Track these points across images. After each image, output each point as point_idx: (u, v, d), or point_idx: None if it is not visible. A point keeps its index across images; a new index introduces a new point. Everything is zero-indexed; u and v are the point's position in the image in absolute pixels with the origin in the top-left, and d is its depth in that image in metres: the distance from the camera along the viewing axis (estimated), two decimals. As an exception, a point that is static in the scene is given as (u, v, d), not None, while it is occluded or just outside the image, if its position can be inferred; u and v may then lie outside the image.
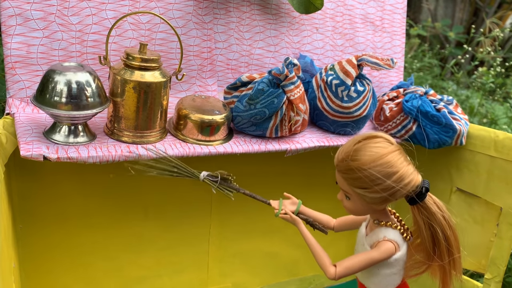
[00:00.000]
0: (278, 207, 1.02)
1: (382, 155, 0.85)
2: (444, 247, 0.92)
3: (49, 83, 1.01)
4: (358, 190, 0.88)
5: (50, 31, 1.16)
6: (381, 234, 0.94)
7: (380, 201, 0.90)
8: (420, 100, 1.42)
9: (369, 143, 0.88)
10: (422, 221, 0.91)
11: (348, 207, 0.95)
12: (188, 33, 1.31)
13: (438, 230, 0.90)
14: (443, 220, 0.92)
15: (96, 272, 1.35)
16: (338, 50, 1.57)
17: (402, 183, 0.87)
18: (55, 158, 0.98)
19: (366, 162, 0.86)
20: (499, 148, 1.40)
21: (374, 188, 0.86)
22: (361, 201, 0.91)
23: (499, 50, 3.46)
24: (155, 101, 1.10)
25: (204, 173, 1.02)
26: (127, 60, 1.07)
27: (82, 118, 1.04)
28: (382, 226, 0.95)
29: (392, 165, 0.85)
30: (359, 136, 0.91)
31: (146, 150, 1.09)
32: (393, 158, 0.86)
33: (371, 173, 0.85)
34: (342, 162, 0.89)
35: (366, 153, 0.86)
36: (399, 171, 0.86)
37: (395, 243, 0.93)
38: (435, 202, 0.93)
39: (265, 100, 1.20)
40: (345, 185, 0.91)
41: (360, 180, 0.87)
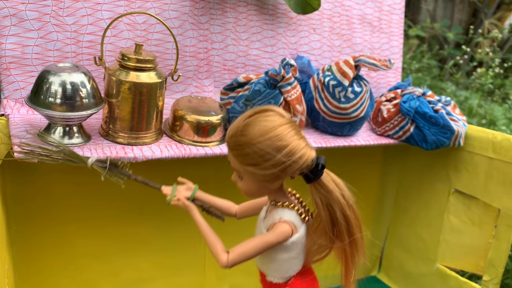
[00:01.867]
0: (170, 193, 0.94)
1: (271, 128, 0.80)
2: (343, 227, 0.85)
3: (44, 84, 1.00)
4: (249, 167, 0.82)
5: (45, 31, 1.15)
6: (277, 216, 0.87)
7: (271, 178, 0.83)
8: (418, 101, 1.41)
9: (259, 117, 0.81)
10: (319, 200, 0.85)
11: (242, 188, 0.88)
12: (184, 34, 1.30)
13: (336, 209, 0.84)
14: (341, 198, 0.85)
15: (91, 275, 1.34)
16: (335, 50, 1.57)
17: (293, 157, 0.80)
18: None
19: (254, 136, 0.80)
20: (497, 149, 1.39)
21: (264, 164, 0.80)
22: (253, 179, 0.84)
23: (498, 51, 3.45)
24: (151, 102, 1.09)
25: (93, 158, 0.93)
26: (123, 60, 1.07)
27: (76, 119, 1.03)
28: (279, 207, 0.88)
29: (281, 138, 0.80)
30: (250, 111, 0.85)
31: (142, 151, 1.08)
32: (283, 131, 0.80)
33: (259, 147, 0.79)
34: (231, 138, 0.83)
35: (255, 127, 0.80)
36: (289, 144, 0.80)
37: (292, 224, 0.87)
38: (333, 180, 0.87)
39: (262, 101, 1.19)
40: (236, 163, 0.84)
41: (250, 156, 0.81)
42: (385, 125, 1.44)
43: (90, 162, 0.94)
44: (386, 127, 1.44)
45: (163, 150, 1.10)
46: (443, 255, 1.57)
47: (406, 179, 1.70)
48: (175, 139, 1.17)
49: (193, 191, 0.98)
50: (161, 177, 1.35)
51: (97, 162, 0.94)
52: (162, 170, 1.34)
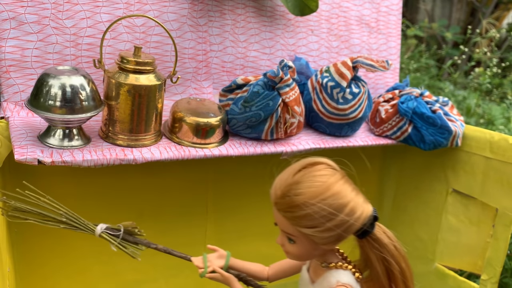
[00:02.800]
0: (202, 265, 0.86)
1: (329, 185, 0.74)
2: (400, 281, 0.81)
3: (44, 86, 1.00)
4: (306, 230, 0.74)
5: (44, 34, 1.15)
6: (333, 279, 0.80)
7: (333, 240, 0.76)
8: (416, 102, 1.42)
9: (312, 172, 0.76)
10: (374, 255, 0.80)
11: (293, 252, 0.80)
12: (183, 36, 1.31)
13: (393, 262, 0.79)
14: (395, 250, 0.81)
15: (92, 276, 1.34)
16: (333, 52, 1.58)
17: (355, 215, 0.75)
18: (49, 162, 0.98)
19: (313, 195, 0.73)
20: (494, 149, 1.40)
21: (325, 225, 0.73)
22: (309, 243, 0.77)
23: (496, 51, 3.46)
24: (150, 104, 1.10)
25: (102, 226, 0.82)
26: (122, 63, 1.07)
27: (76, 122, 1.04)
28: (332, 269, 0.81)
29: (343, 195, 0.74)
30: (296, 165, 0.78)
31: (141, 153, 1.08)
32: (342, 187, 0.75)
33: (320, 207, 0.72)
34: (283, 198, 0.75)
35: (312, 185, 0.74)
36: (350, 201, 0.74)
37: (349, 286, 0.80)
38: (384, 231, 0.82)
39: (260, 103, 1.20)
40: (288, 226, 0.76)
41: (308, 218, 0.73)
42: (383, 125, 1.45)
43: (98, 230, 0.82)
44: (384, 127, 1.45)
45: (162, 152, 1.11)
46: (441, 255, 1.58)
47: (404, 179, 1.71)
48: (175, 141, 1.18)
49: (226, 259, 0.90)
50: (161, 179, 1.36)
51: (107, 230, 0.82)
52: (162, 172, 1.35)
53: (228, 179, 1.44)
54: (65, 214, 0.85)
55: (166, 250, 0.89)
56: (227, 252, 0.91)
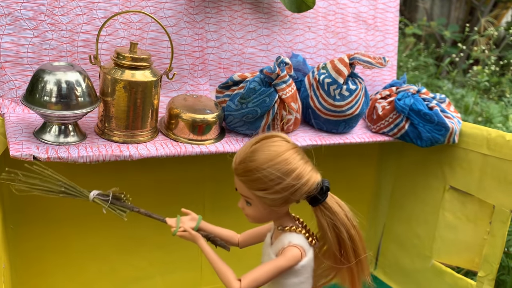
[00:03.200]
0: (175, 224, 0.95)
1: (279, 153, 0.83)
2: (349, 247, 0.88)
3: (39, 82, 1.00)
4: (259, 192, 0.84)
5: (40, 30, 1.15)
6: (286, 240, 0.89)
7: (281, 202, 0.85)
8: (413, 99, 1.42)
9: (266, 143, 0.85)
10: (325, 222, 0.88)
11: (250, 214, 0.90)
12: (179, 32, 1.31)
13: (343, 229, 0.87)
14: (346, 219, 0.88)
15: (88, 273, 1.34)
16: (330, 49, 1.57)
17: (301, 180, 0.83)
18: (45, 158, 0.98)
19: (264, 161, 0.82)
20: (491, 146, 1.40)
21: (274, 188, 0.83)
22: (262, 204, 0.86)
23: (494, 49, 3.46)
24: (146, 100, 1.10)
25: (94, 192, 0.94)
26: (118, 59, 1.07)
27: (72, 118, 1.04)
28: (286, 232, 0.90)
29: (289, 162, 0.83)
30: (256, 137, 0.88)
31: (137, 150, 1.08)
32: (290, 155, 0.84)
33: (270, 172, 0.82)
34: (240, 164, 0.85)
35: (264, 152, 0.83)
36: (297, 168, 0.83)
37: (301, 248, 0.88)
38: (337, 201, 0.90)
39: (257, 99, 1.19)
40: (244, 189, 0.86)
41: (260, 181, 0.83)
42: (380, 122, 1.45)
43: (91, 196, 0.94)
44: (381, 124, 1.45)
45: (158, 148, 1.11)
46: (438, 252, 1.58)
47: (401, 176, 1.71)
48: (171, 137, 1.18)
49: (197, 221, 0.98)
50: (157, 176, 1.36)
51: (98, 195, 0.94)
52: (158, 169, 1.35)
53: (224, 175, 1.44)
54: (63, 184, 0.94)
55: (147, 213, 0.98)
56: (199, 216, 0.98)
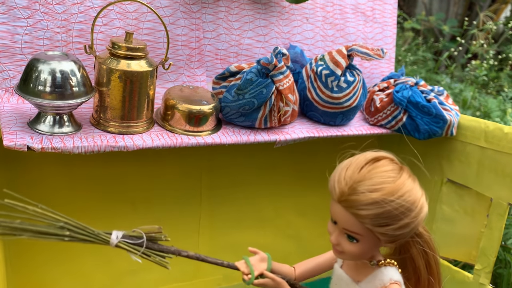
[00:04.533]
0: (247, 270, 0.81)
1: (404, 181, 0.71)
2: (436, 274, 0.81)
3: (33, 72, 0.99)
4: (379, 228, 0.70)
5: (34, 20, 1.14)
6: (386, 277, 0.78)
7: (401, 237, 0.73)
8: (411, 91, 1.41)
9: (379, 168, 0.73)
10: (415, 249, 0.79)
11: (351, 252, 0.76)
12: (175, 23, 1.29)
13: (431, 256, 0.79)
14: (431, 242, 0.81)
15: (84, 266, 1.34)
16: (328, 40, 1.56)
17: (424, 211, 0.73)
18: (39, 148, 0.97)
19: (391, 191, 0.69)
20: (489, 138, 1.39)
21: (402, 221, 0.70)
22: (374, 241, 0.73)
23: (493, 43, 3.46)
24: (142, 90, 1.09)
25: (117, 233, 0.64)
26: (113, 49, 1.06)
27: (67, 108, 1.03)
28: (382, 267, 0.79)
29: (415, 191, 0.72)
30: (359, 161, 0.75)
31: (133, 141, 1.07)
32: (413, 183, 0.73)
33: (399, 203, 0.69)
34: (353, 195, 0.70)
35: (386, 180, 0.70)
36: (421, 197, 0.73)
37: (400, 283, 0.78)
38: (423, 225, 0.81)
39: (253, 90, 1.18)
40: (354, 224, 0.71)
41: (384, 215, 0.69)
42: (377, 115, 1.44)
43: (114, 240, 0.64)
44: (379, 116, 1.44)
45: (154, 139, 1.10)
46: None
47: (399, 170, 1.70)
48: (167, 128, 1.17)
49: (268, 262, 0.85)
50: (153, 168, 1.35)
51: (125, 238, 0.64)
52: (154, 160, 1.34)
53: (221, 167, 1.43)
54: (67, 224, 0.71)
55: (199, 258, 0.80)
56: (268, 255, 0.86)
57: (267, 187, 1.10)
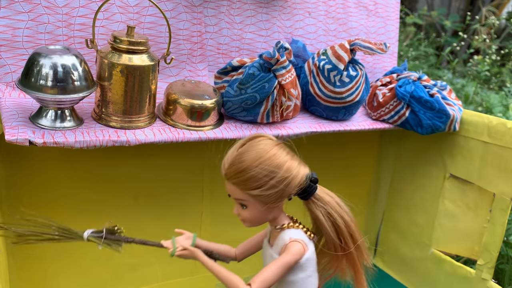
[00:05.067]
0: (172, 246, 0.94)
1: (267, 149, 0.85)
2: (346, 233, 0.90)
3: (34, 66, 0.98)
4: (254, 191, 0.85)
5: (35, 14, 1.13)
6: (286, 237, 0.89)
7: (277, 197, 0.86)
8: (414, 86, 1.40)
9: (252, 143, 0.86)
10: (320, 213, 0.90)
11: (247, 217, 0.90)
12: (177, 17, 1.29)
13: (337, 216, 0.89)
14: (338, 206, 0.90)
15: (86, 260, 1.34)
16: (331, 35, 1.55)
17: (292, 172, 0.85)
18: (41, 143, 0.96)
19: (253, 159, 0.84)
20: (492, 133, 1.39)
21: (269, 183, 0.84)
22: (258, 203, 0.87)
23: (495, 39, 3.44)
24: (143, 85, 1.08)
25: (88, 231, 0.93)
26: (115, 43, 1.05)
27: (68, 102, 1.02)
28: (285, 229, 0.91)
29: (278, 156, 0.85)
30: (241, 141, 0.89)
31: (135, 135, 1.07)
32: (277, 151, 0.86)
33: (262, 168, 0.83)
34: (230, 168, 0.86)
35: (252, 152, 0.85)
36: (286, 161, 0.85)
37: (302, 241, 0.89)
38: (326, 192, 0.92)
39: (256, 85, 1.18)
40: (238, 192, 0.86)
41: (253, 179, 0.84)
42: (380, 109, 1.43)
43: (85, 235, 0.93)
44: (382, 111, 1.43)
45: (156, 134, 1.10)
46: (438, 240, 1.58)
47: (401, 164, 1.70)
48: (169, 123, 1.16)
49: (192, 238, 0.97)
50: (155, 163, 1.34)
51: (93, 233, 0.93)
52: (156, 155, 1.34)
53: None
54: (57, 228, 0.94)
55: (142, 241, 0.97)
56: (194, 234, 0.98)
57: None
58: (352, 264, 0.94)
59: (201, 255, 0.92)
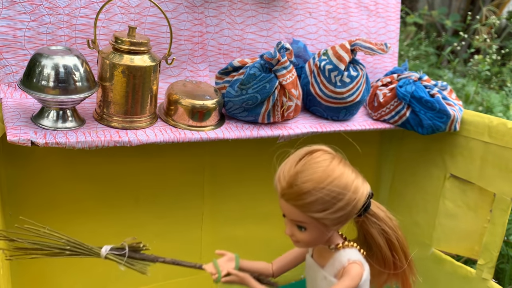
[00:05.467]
0: (214, 271, 0.87)
1: (333, 168, 0.79)
2: (399, 249, 0.88)
3: (36, 67, 0.99)
4: (318, 214, 0.78)
5: (37, 14, 1.13)
6: (344, 258, 0.85)
7: (343, 220, 0.81)
8: (414, 86, 1.40)
9: (312, 160, 0.80)
10: (374, 230, 0.86)
11: (304, 240, 0.83)
12: (178, 17, 1.29)
13: (391, 232, 0.87)
14: (390, 221, 0.88)
15: (87, 259, 1.33)
16: (331, 35, 1.56)
17: (359, 192, 0.81)
18: (43, 143, 0.97)
19: (320, 179, 0.77)
20: (493, 133, 1.39)
21: (336, 205, 0.78)
22: (320, 227, 0.81)
23: (495, 38, 3.44)
24: (145, 85, 1.09)
25: (106, 247, 0.81)
26: (116, 43, 1.06)
27: (70, 103, 1.03)
28: (340, 249, 0.86)
29: (346, 176, 0.79)
30: (296, 155, 0.82)
31: (136, 136, 1.07)
32: (343, 169, 0.80)
33: (330, 189, 0.77)
34: (290, 188, 0.78)
35: (316, 170, 0.78)
36: (354, 180, 0.80)
37: (360, 262, 0.85)
38: (378, 206, 0.89)
39: (257, 85, 1.18)
40: (298, 214, 0.80)
41: (319, 202, 0.77)
42: (381, 109, 1.44)
43: (103, 252, 0.80)
44: (382, 112, 1.44)
45: (157, 134, 1.10)
46: (438, 240, 1.58)
47: (402, 164, 1.70)
48: (170, 123, 1.16)
49: (235, 261, 0.92)
50: (156, 163, 1.35)
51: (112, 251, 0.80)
52: (157, 155, 1.34)
53: (224, 162, 1.43)
54: (68, 241, 0.84)
55: (174, 262, 0.87)
56: (236, 255, 0.93)
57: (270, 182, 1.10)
58: (403, 280, 0.91)
59: (252, 281, 0.87)
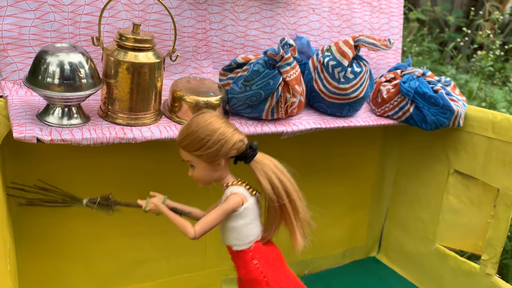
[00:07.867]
0: (144, 203, 1.09)
1: (206, 118, 1.01)
2: (281, 189, 1.03)
3: (41, 64, 0.99)
4: (196, 152, 1.01)
5: (42, 12, 1.14)
6: (228, 191, 1.05)
7: (215, 155, 1.01)
8: (418, 81, 1.40)
9: (197, 115, 1.03)
10: (259, 175, 1.03)
11: (197, 176, 1.05)
12: (182, 14, 1.29)
13: (272, 175, 1.03)
14: (275, 167, 1.04)
15: (93, 256, 1.35)
16: (335, 31, 1.56)
17: (226, 135, 1.01)
18: (48, 140, 0.97)
19: (195, 126, 1.00)
20: (496, 129, 1.39)
21: (206, 144, 0.99)
22: (202, 163, 1.02)
23: (498, 34, 3.43)
24: (149, 82, 1.09)
25: (86, 199, 1.12)
26: (120, 40, 1.06)
27: (75, 100, 1.03)
28: (229, 186, 1.06)
29: (213, 123, 1.01)
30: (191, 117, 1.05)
31: (141, 132, 1.08)
32: (213, 119, 1.01)
33: (200, 132, 0.99)
34: (179, 135, 1.03)
35: (194, 121, 1.01)
36: (220, 127, 1.01)
37: (241, 194, 1.04)
38: (267, 157, 1.06)
39: (260, 82, 1.18)
40: (186, 154, 1.02)
41: (194, 142, 1.00)
42: (384, 105, 1.44)
43: (84, 201, 1.12)
44: (386, 107, 1.44)
45: (162, 131, 1.10)
46: (442, 235, 1.58)
47: (405, 160, 1.71)
48: (175, 120, 1.17)
49: (163, 199, 1.11)
50: (160, 159, 1.35)
51: (90, 200, 1.12)
52: (161, 151, 1.34)
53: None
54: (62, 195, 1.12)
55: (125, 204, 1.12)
56: (165, 196, 1.12)
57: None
58: (286, 217, 1.06)
59: (165, 208, 1.07)
